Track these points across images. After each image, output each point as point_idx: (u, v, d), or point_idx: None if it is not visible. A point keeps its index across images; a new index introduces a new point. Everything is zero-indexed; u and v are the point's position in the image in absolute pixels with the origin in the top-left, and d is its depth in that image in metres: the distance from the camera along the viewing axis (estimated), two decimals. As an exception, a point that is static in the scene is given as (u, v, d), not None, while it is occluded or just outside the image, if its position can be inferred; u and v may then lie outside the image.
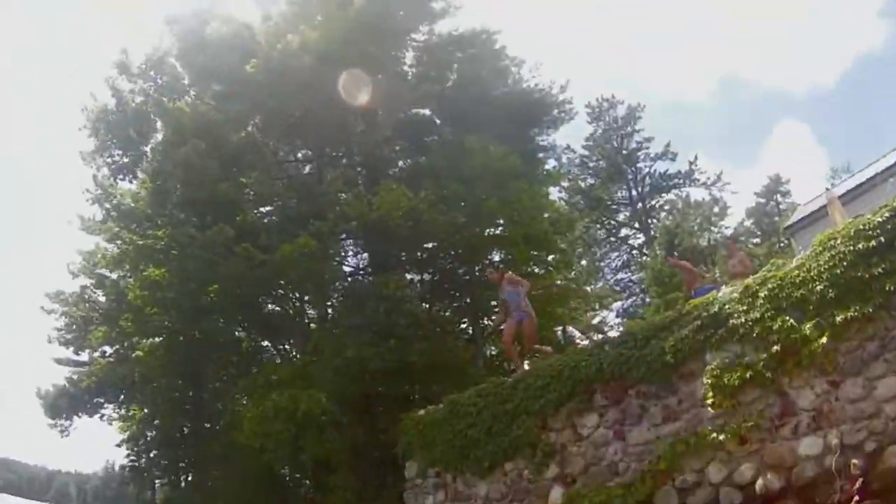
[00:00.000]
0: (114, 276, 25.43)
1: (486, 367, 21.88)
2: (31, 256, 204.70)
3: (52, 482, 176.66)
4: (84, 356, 28.23)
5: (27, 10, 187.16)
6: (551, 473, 12.60)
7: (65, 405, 28.00)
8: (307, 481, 22.94)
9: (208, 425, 25.91)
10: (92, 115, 26.30)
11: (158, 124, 25.04)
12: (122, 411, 29.30)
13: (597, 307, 28.03)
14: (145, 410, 27.62)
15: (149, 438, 30.23)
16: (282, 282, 22.49)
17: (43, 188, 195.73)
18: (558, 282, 23.99)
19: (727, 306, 10.54)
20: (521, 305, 8.03)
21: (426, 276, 24.16)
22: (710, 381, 10.43)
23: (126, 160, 26.48)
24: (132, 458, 31.92)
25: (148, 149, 25.45)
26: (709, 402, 10.46)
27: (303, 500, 22.41)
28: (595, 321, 28.38)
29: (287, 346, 25.21)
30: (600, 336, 25.19)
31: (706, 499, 10.33)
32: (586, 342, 24.84)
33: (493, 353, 24.10)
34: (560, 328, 24.97)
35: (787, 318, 9.78)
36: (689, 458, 10.60)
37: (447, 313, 23.80)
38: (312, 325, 24.32)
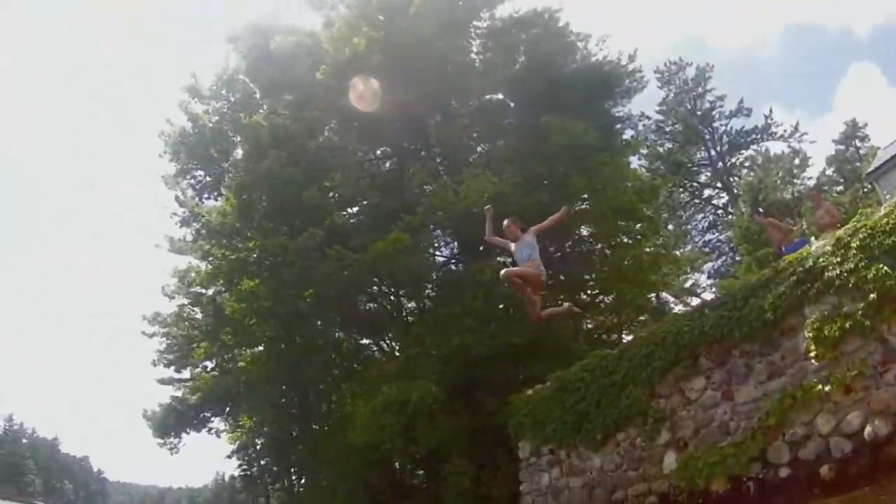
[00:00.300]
0: (209, 292, 27.11)
1: (586, 341, 22.64)
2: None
3: (163, 499, 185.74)
4: (186, 373, 30.20)
5: (27, 10, 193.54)
6: (663, 439, 13.20)
7: (172, 423, 29.98)
8: (420, 471, 24.17)
9: (316, 427, 27.30)
10: (170, 139, 27.97)
11: (237, 140, 26.50)
12: (230, 423, 31.21)
13: (688, 270, 28.39)
14: (254, 419, 29.32)
15: (258, 446, 32.14)
16: (376, 279, 23.61)
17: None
18: (647, 249, 24.45)
19: (821, 259, 10.90)
20: (535, 259, 8.66)
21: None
22: (811, 334, 10.76)
23: (209, 179, 28.16)
24: (244, 466, 34.03)
25: (229, 165, 26.94)
26: (811, 354, 10.79)
27: (417, 490, 23.41)
28: (687, 285, 28.76)
29: (387, 342, 26.31)
30: (695, 299, 25.64)
31: (817, 450, 10.63)
32: (682, 307, 25.47)
33: (590, 326, 24.85)
34: (653, 295, 25.51)
35: (881, 265, 10.11)
36: (797, 411, 10.94)
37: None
38: (410, 319, 25.34)
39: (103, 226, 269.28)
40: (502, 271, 9.75)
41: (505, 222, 9.72)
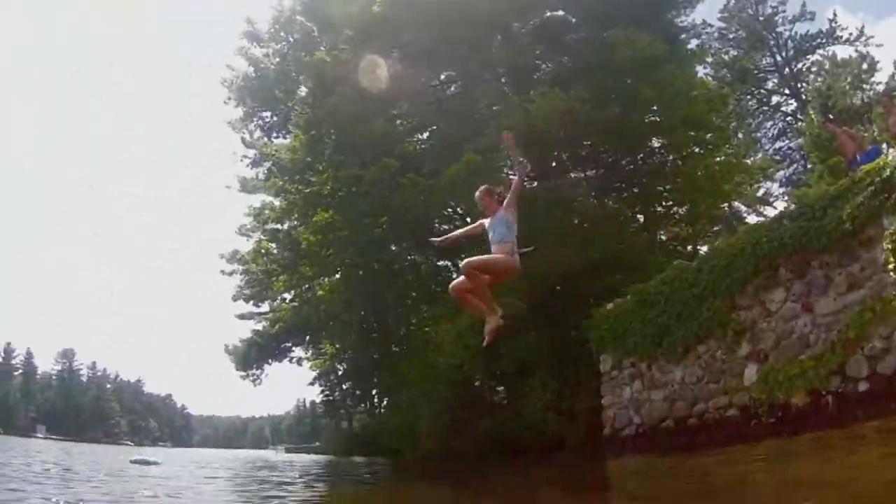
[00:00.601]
0: (284, 227, 28.29)
1: (662, 252, 23.08)
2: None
3: (247, 428, 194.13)
4: (265, 307, 31.77)
5: (27, 10, 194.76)
6: (744, 351, 13.59)
7: (254, 355, 31.82)
8: (501, 388, 25.25)
9: (397, 350, 28.45)
10: (233, 85, 28.85)
11: (300, 79, 27.24)
12: (311, 351, 32.80)
13: (759, 179, 28.49)
14: (335, 346, 30.78)
15: (340, 372, 33.79)
16: (451, 202, 24.36)
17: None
18: (718, 158, 24.61)
19: (899, 169, 10.94)
20: (509, 242, 6.84)
21: (590, 174, 25.31)
22: (889, 246, 10.78)
23: (275, 119, 29.05)
24: (325, 392, 35.91)
25: (294, 104, 27.61)
26: (890, 267, 10.79)
27: (499, 407, 24.42)
28: (759, 194, 28.89)
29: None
30: (768, 208, 25.84)
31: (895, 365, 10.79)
32: (755, 216, 25.73)
33: (665, 238, 25.33)
34: (726, 205, 25.76)
35: (959, 174, 10.14)
36: (876, 324, 10.97)
37: (617, 206, 24.83)
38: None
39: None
40: (453, 283, 7.47)
41: (476, 194, 7.59)
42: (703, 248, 24.16)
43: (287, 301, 31.22)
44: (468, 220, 26.06)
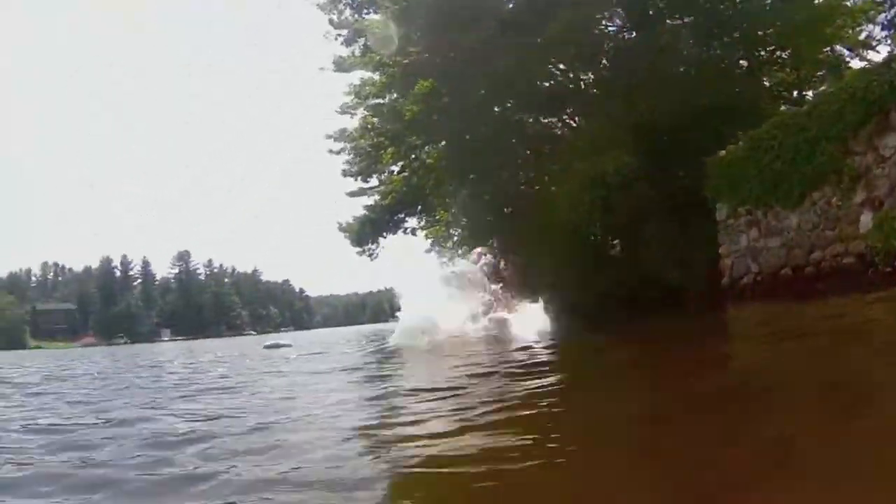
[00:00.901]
0: (386, 100, 28.87)
1: (768, 98, 22.80)
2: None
3: (365, 304, 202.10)
4: (374, 182, 32.80)
5: (27, 10, 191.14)
6: (859, 198, 13.67)
7: (368, 231, 33.13)
8: (617, 241, 25.81)
9: (511, 210, 29.08)
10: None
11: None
12: (424, 220, 33.92)
13: (861, 22, 26.92)
14: (449, 212, 31.75)
15: (455, 238, 34.87)
16: (553, 59, 24.30)
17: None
18: (818, 0, 23.58)
19: None
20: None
21: (688, 20, 24.68)
22: None
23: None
24: (442, 260, 37.14)
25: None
26: None
27: (617, 260, 24.91)
28: (862, 37, 27.37)
29: (571, 119, 27.16)
30: (870, 52, 24.76)
31: None
32: (857, 60, 24.75)
33: (769, 84, 24.81)
34: (829, 49, 24.80)
35: None
36: None
37: (720, 52, 24.21)
38: (593, 91, 25.88)
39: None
40: None
41: None
42: (809, 94, 23.75)
43: (396, 173, 32.15)
44: (570, 75, 26.16)
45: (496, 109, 26.19)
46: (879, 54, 25.01)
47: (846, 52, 25.80)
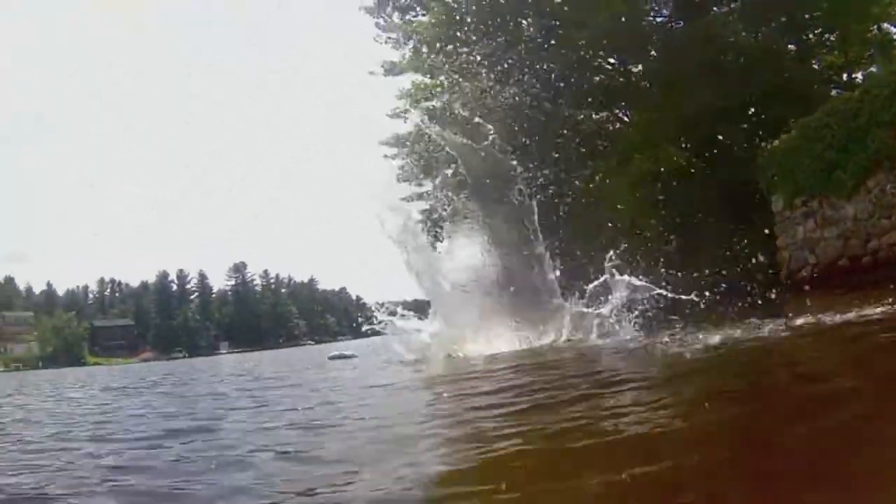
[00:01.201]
0: (438, 104, 29.44)
1: (820, 81, 22.90)
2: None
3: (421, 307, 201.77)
4: (427, 186, 33.31)
5: (27, 10, 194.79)
6: None
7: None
8: (673, 237, 26.03)
9: (566, 209, 29.42)
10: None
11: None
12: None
13: None
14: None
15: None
16: (602, 53, 24.79)
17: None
18: None
19: None
20: None
21: (735, 6, 24.88)
22: None
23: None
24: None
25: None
26: None
27: (674, 255, 25.25)
28: None
29: (623, 113, 27.50)
30: None
31: None
32: None
33: (817, 67, 24.91)
34: (876, 27, 24.76)
35: None
36: None
37: (768, 37, 24.07)
38: (644, 84, 26.16)
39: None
40: None
41: None
42: (858, 76, 23.78)
43: (450, 176, 32.64)
44: (620, 68, 26.51)
45: (548, 105, 26.59)
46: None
47: (894, 30, 25.72)
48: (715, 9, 24.61)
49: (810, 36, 24.64)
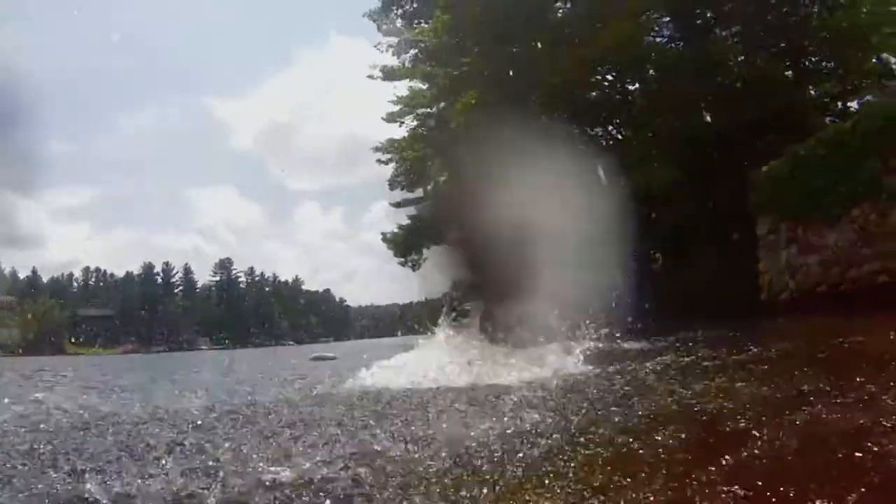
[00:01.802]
0: (433, 110, 29.69)
1: (815, 108, 23.18)
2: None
3: (404, 315, 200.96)
4: (419, 192, 33.47)
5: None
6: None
7: (413, 241, 33.68)
8: (659, 255, 26.24)
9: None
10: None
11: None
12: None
13: None
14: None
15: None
16: (599, 68, 24.98)
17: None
18: (865, 9, 23.89)
19: None
20: None
21: (734, 30, 25.15)
22: None
23: (415, 6, 29.91)
24: (486, 272, 37.59)
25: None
26: None
27: (658, 276, 25.27)
28: None
29: (616, 130, 27.85)
30: None
31: None
32: None
33: (815, 94, 25.16)
34: (875, 58, 25.10)
35: None
36: None
37: (766, 63, 24.45)
38: (640, 101, 26.46)
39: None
40: None
41: None
42: (853, 105, 24.05)
43: (442, 182, 32.88)
44: (618, 85, 26.76)
45: (544, 117, 26.79)
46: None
47: (893, 61, 26.06)
48: (717, 30, 24.87)
49: (807, 63, 24.91)
